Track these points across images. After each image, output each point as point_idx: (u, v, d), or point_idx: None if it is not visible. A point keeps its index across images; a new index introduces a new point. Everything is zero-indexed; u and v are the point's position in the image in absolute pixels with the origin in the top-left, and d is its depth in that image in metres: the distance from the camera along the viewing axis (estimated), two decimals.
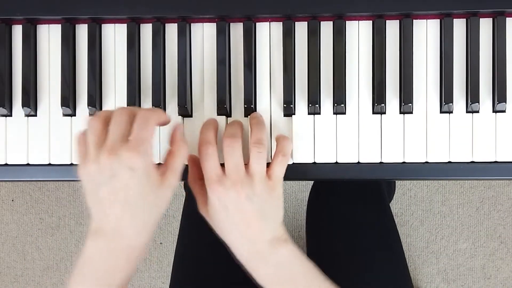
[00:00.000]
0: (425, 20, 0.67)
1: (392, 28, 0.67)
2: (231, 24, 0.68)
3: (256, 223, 0.61)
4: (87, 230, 0.59)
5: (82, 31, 0.69)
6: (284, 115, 0.67)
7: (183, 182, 1.01)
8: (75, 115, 0.69)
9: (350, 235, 0.85)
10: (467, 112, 0.66)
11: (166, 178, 0.59)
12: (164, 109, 0.68)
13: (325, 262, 0.66)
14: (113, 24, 0.69)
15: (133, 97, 0.67)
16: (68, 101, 0.68)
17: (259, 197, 0.60)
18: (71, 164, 0.69)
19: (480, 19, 0.66)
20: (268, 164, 0.63)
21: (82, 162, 0.58)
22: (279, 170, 0.63)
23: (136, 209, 0.57)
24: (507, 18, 0.66)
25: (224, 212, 0.60)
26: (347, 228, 0.86)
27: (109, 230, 0.57)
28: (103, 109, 0.69)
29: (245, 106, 0.67)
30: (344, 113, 0.67)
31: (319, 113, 0.67)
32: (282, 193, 0.63)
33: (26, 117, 0.69)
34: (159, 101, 0.67)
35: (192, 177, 0.64)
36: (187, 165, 0.64)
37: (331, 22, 0.67)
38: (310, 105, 0.66)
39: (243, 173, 0.60)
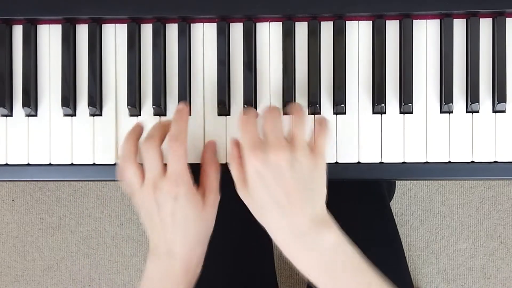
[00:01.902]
0: (425, 20, 0.67)
1: (392, 28, 0.67)
2: (231, 24, 0.68)
3: (296, 196, 0.57)
4: (149, 251, 0.64)
5: (82, 31, 0.69)
6: (284, 115, 0.67)
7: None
8: (75, 115, 0.69)
9: (350, 234, 0.85)
10: (467, 112, 0.66)
11: (207, 199, 0.63)
12: (165, 109, 0.68)
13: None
14: (114, 24, 0.69)
15: (134, 97, 0.67)
16: (69, 101, 0.68)
17: (301, 167, 0.57)
18: (72, 164, 0.69)
19: (480, 19, 0.66)
20: None
21: (132, 194, 0.63)
22: (321, 141, 0.61)
23: (184, 230, 0.62)
24: (507, 18, 0.66)
25: (263, 184, 0.57)
26: (347, 227, 0.86)
27: (163, 251, 0.62)
28: (103, 109, 0.69)
29: (245, 106, 0.67)
30: (344, 113, 0.67)
31: (319, 113, 0.67)
32: (325, 169, 0.60)
33: (27, 117, 0.69)
34: (159, 101, 0.67)
35: (232, 155, 0.62)
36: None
37: (331, 22, 0.67)
38: (310, 105, 0.66)
39: (284, 140, 0.58)
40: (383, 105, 0.66)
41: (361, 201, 0.89)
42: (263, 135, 0.59)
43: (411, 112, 0.67)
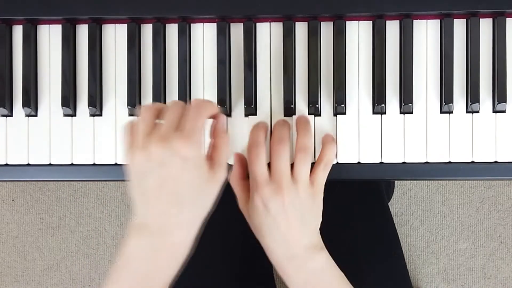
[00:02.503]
0: (425, 20, 0.67)
1: (392, 28, 0.67)
2: (231, 24, 0.68)
3: (296, 228, 0.62)
4: (128, 227, 0.55)
5: (82, 31, 0.69)
6: (285, 115, 0.67)
7: None
8: (75, 115, 0.69)
9: (349, 235, 0.85)
10: (467, 112, 0.66)
11: (215, 173, 0.56)
12: None
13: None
14: (114, 25, 0.69)
15: (134, 97, 0.67)
16: (69, 101, 0.68)
17: (302, 204, 0.62)
18: (71, 164, 0.69)
19: (480, 19, 0.66)
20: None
21: (129, 151, 0.54)
22: (322, 177, 0.64)
23: (183, 202, 0.54)
24: (507, 18, 0.66)
25: (266, 215, 0.62)
26: (346, 228, 0.86)
27: (153, 224, 0.54)
28: (103, 110, 0.69)
29: (245, 106, 0.67)
30: (344, 113, 0.67)
31: (319, 114, 0.67)
32: (321, 201, 0.64)
33: (27, 117, 0.69)
34: (159, 101, 0.67)
35: (236, 175, 0.64)
36: None
37: (331, 22, 0.67)
38: (310, 105, 0.66)
39: (289, 178, 0.61)
40: (383, 105, 0.66)
41: (360, 201, 0.89)
42: (271, 169, 0.62)
43: (411, 112, 0.67)
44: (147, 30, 0.68)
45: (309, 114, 0.67)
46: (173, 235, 0.55)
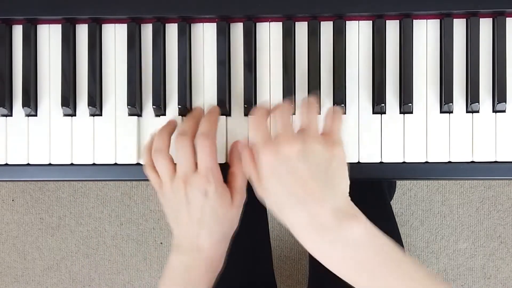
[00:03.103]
0: (425, 20, 0.67)
1: (392, 28, 0.67)
2: (231, 24, 0.68)
3: (314, 186, 0.54)
4: (171, 245, 0.65)
5: (82, 31, 0.69)
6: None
7: None
8: (75, 115, 0.69)
9: None
10: (467, 112, 0.66)
11: (234, 199, 0.64)
12: (164, 109, 0.68)
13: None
14: (114, 24, 0.69)
15: (133, 97, 0.67)
16: (68, 101, 0.68)
17: (314, 154, 0.54)
18: (71, 164, 0.69)
19: (480, 19, 0.66)
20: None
21: (159, 190, 0.65)
22: (335, 125, 0.58)
23: (211, 227, 0.63)
24: (507, 18, 0.66)
25: (278, 180, 0.55)
26: None
27: (188, 246, 0.63)
28: (103, 109, 0.69)
29: (245, 106, 0.67)
30: (344, 113, 0.67)
31: (319, 114, 0.67)
32: (344, 156, 0.57)
33: (27, 117, 0.69)
34: (159, 101, 0.67)
35: (245, 159, 0.61)
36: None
37: (331, 22, 0.67)
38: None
39: (293, 131, 0.57)
40: (383, 105, 0.66)
41: (362, 200, 0.89)
42: (273, 130, 0.62)
43: (411, 112, 0.67)
44: (147, 30, 0.68)
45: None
46: (205, 252, 0.63)
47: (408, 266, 0.54)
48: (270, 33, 0.68)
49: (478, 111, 0.66)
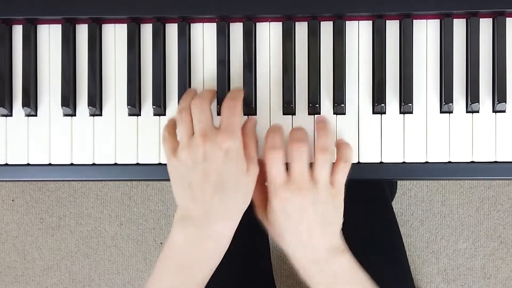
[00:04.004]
0: (425, 20, 0.67)
1: (392, 28, 0.67)
2: (231, 24, 0.68)
3: (317, 231, 0.60)
4: (173, 221, 0.59)
5: (82, 31, 0.69)
6: (284, 115, 0.67)
7: None
8: (75, 115, 0.69)
9: (352, 234, 0.85)
10: (467, 112, 0.66)
11: (249, 166, 0.60)
12: (164, 109, 0.68)
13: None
14: (113, 24, 0.69)
15: (133, 97, 0.67)
16: (68, 101, 0.68)
17: (323, 205, 0.60)
18: (71, 164, 0.69)
19: (480, 19, 0.66)
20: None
21: (172, 154, 0.60)
22: (342, 177, 0.62)
23: (225, 191, 0.58)
24: (507, 18, 0.66)
25: (286, 218, 0.60)
26: (349, 227, 0.86)
27: (198, 214, 0.58)
28: (103, 109, 0.69)
29: (245, 105, 0.67)
30: (344, 113, 0.67)
31: (319, 113, 0.67)
32: (343, 202, 0.63)
33: (26, 117, 0.69)
34: (159, 101, 0.67)
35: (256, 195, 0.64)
36: None
37: (331, 22, 0.67)
38: (310, 105, 0.66)
39: (308, 179, 0.60)
40: (383, 105, 0.66)
41: (363, 201, 0.89)
42: (290, 170, 0.60)
43: (411, 112, 0.67)
44: (147, 30, 0.68)
45: (309, 114, 0.67)
46: (217, 224, 0.58)
47: None
48: (270, 33, 0.68)
49: (478, 111, 0.66)
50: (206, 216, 0.58)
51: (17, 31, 0.69)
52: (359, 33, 0.67)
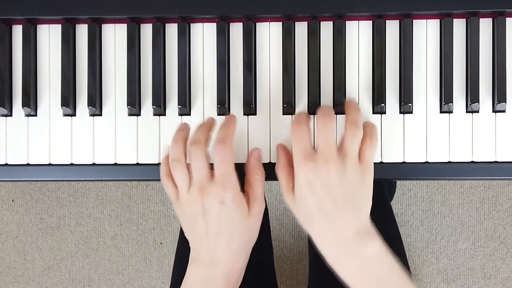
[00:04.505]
0: (425, 20, 0.67)
1: (392, 28, 0.67)
2: (231, 24, 0.68)
3: (344, 206, 0.58)
4: (190, 258, 0.63)
5: (82, 31, 0.69)
6: (283, 115, 0.67)
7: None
8: (75, 115, 0.69)
9: None
10: (467, 112, 0.66)
11: (252, 207, 0.62)
12: (164, 109, 0.68)
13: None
14: (113, 24, 0.69)
15: (133, 97, 0.67)
16: (68, 101, 0.68)
17: (350, 178, 0.58)
18: (71, 164, 0.69)
19: (480, 19, 0.66)
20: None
21: (176, 201, 0.63)
22: (369, 153, 0.61)
23: (229, 237, 0.61)
24: (507, 18, 0.66)
25: (312, 193, 0.58)
26: None
27: (206, 258, 0.61)
28: (103, 109, 0.69)
29: (245, 106, 0.67)
30: (344, 113, 0.67)
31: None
32: (372, 181, 0.61)
33: (26, 117, 0.69)
34: (159, 101, 0.67)
35: (281, 162, 0.63)
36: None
37: (331, 22, 0.67)
38: (310, 105, 0.66)
39: (335, 151, 0.58)
40: (383, 105, 0.66)
41: None
42: (316, 143, 0.60)
43: (411, 112, 0.67)
44: (147, 30, 0.68)
45: (309, 114, 0.67)
46: (225, 265, 0.61)
47: (411, 285, 0.61)
48: (270, 33, 0.68)
49: (478, 111, 0.66)
50: (213, 260, 0.61)
51: (17, 31, 0.69)
52: (359, 33, 0.67)
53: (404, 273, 0.61)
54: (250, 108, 0.67)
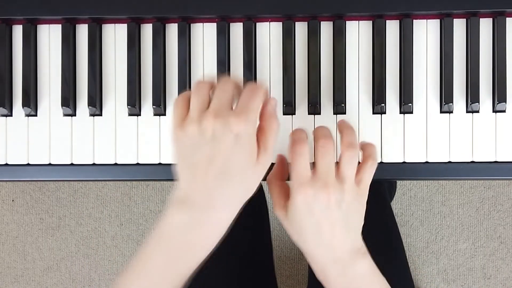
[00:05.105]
0: (425, 20, 0.67)
1: (392, 28, 0.67)
2: (231, 24, 0.68)
3: (340, 230, 0.58)
4: (170, 200, 0.54)
5: (82, 31, 0.69)
6: (284, 115, 0.67)
7: None
8: (75, 115, 0.69)
9: None
10: (467, 112, 0.66)
11: (260, 156, 0.56)
12: (164, 109, 0.68)
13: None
14: (114, 24, 0.69)
15: (133, 97, 0.68)
16: (69, 101, 0.68)
17: (348, 204, 0.58)
18: (71, 164, 0.69)
19: (480, 19, 0.66)
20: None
21: (179, 124, 0.55)
22: (368, 176, 0.60)
23: (230, 179, 0.54)
24: (507, 18, 0.66)
25: (309, 216, 0.57)
26: None
27: (198, 198, 0.54)
28: (103, 109, 0.69)
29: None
30: (344, 113, 0.67)
31: (319, 113, 0.67)
32: (365, 203, 0.61)
33: (26, 117, 0.69)
34: (159, 101, 0.67)
35: (274, 175, 0.61)
36: None
37: (331, 22, 0.67)
38: (310, 105, 0.66)
39: (334, 176, 0.57)
40: (383, 105, 0.66)
41: None
42: (315, 167, 0.58)
43: (411, 112, 0.67)
44: (147, 30, 0.68)
45: (309, 114, 0.67)
46: (217, 211, 0.55)
47: None
48: (270, 33, 0.68)
49: (478, 111, 0.66)
50: (206, 201, 0.54)
51: (17, 31, 0.69)
52: (359, 33, 0.67)
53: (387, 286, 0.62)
54: None
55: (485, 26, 0.66)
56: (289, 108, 0.67)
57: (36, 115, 0.69)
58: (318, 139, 0.58)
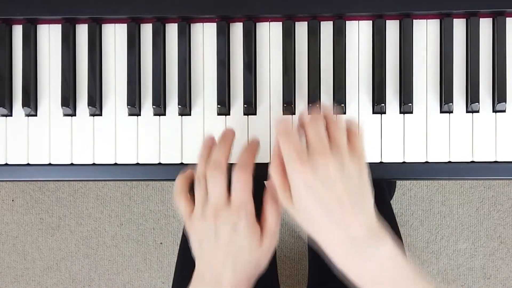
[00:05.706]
0: (425, 20, 0.67)
1: (392, 28, 0.67)
2: (231, 24, 0.68)
3: (349, 203, 0.54)
4: (194, 274, 0.62)
5: (82, 31, 0.69)
6: (284, 115, 0.67)
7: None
8: (75, 115, 0.69)
9: None
10: (467, 112, 0.66)
11: (263, 241, 0.60)
12: (164, 109, 0.68)
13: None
14: (113, 24, 0.69)
15: (133, 97, 0.68)
16: (68, 101, 0.68)
17: (349, 171, 0.55)
18: (71, 164, 0.69)
19: (480, 19, 0.66)
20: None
21: (188, 218, 0.62)
22: (360, 142, 0.58)
23: (236, 263, 0.60)
24: (507, 18, 0.66)
25: (313, 196, 0.54)
26: None
27: (210, 278, 0.60)
28: (103, 109, 0.69)
29: (245, 106, 0.67)
30: (344, 113, 0.67)
31: (319, 113, 0.67)
32: (367, 173, 0.57)
33: (26, 117, 0.69)
34: (159, 101, 0.67)
35: (274, 167, 0.58)
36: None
37: (331, 22, 0.67)
38: (310, 105, 0.66)
39: (328, 143, 0.55)
40: (383, 105, 0.66)
41: None
42: (307, 142, 0.56)
43: (411, 112, 0.67)
44: (147, 30, 0.68)
45: (309, 114, 0.67)
46: (223, 286, 0.60)
47: (424, 286, 0.57)
48: (270, 33, 0.68)
49: (478, 111, 0.66)
50: (217, 281, 0.60)
51: (17, 31, 0.69)
52: (359, 33, 0.67)
53: (417, 270, 0.57)
54: (250, 108, 0.67)
55: (485, 26, 0.66)
56: (289, 108, 0.67)
57: (36, 115, 0.69)
58: (304, 117, 0.58)
